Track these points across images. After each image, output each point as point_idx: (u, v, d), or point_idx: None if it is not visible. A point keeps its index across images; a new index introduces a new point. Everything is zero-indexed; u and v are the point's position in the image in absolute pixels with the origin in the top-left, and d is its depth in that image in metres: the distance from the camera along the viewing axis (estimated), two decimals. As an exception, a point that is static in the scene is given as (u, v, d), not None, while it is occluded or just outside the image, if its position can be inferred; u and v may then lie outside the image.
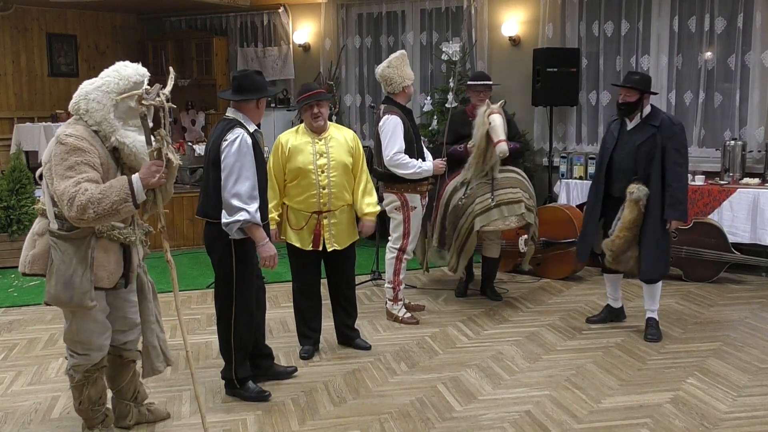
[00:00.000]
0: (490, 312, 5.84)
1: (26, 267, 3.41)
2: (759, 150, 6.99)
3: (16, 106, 9.61)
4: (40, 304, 6.20)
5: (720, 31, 7.24)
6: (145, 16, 10.82)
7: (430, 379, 4.51)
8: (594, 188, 5.29)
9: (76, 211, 3.12)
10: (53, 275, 3.30)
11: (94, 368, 3.53)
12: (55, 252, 3.30)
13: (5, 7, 9.31)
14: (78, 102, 3.31)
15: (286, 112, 9.29)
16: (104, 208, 3.12)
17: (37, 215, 3.45)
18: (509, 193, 5.62)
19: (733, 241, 6.55)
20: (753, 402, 4.14)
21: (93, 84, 3.33)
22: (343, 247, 4.80)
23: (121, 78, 3.30)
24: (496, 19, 8.30)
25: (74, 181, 3.14)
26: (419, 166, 5.34)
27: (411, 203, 5.41)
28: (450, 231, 5.74)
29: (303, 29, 9.59)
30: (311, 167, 4.61)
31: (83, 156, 3.19)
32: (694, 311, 5.82)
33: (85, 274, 3.31)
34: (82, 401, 3.56)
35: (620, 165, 5.10)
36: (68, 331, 3.49)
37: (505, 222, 5.59)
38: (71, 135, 3.23)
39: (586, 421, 3.92)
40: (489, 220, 5.55)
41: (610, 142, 5.20)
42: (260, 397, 4.19)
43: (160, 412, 3.98)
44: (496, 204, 5.55)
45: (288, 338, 5.18)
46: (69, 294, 3.30)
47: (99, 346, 3.50)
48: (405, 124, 5.34)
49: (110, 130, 3.29)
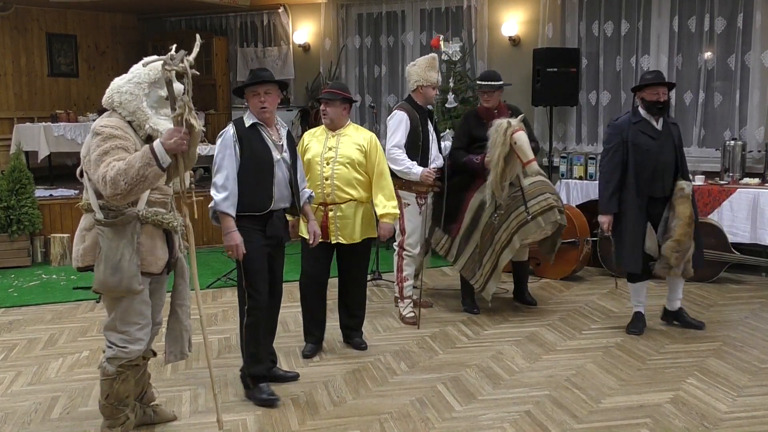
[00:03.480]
0: (490, 312, 5.83)
1: (78, 261, 3.49)
2: (759, 150, 6.99)
3: (16, 106, 9.62)
4: (40, 304, 6.22)
5: (720, 31, 7.24)
6: (145, 16, 10.82)
7: (430, 379, 4.51)
8: (636, 193, 5.06)
9: (110, 187, 3.22)
10: (101, 262, 3.38)
11: (129, 364, 3.56)
12: (103, 240, 3.38)
13: (5, 7, 9.32)
14: (111, 96, 3.46)
15: (286, 112, 9.29)
16: (132, 176, 3.21)
17: (83, 212, 3.53)
18: (541, 201, 5.46)
19: (733, 241, 6.55)
20: (753, 402, 4.14)
21: (123, 78, 3.49)
22: (349, 241, 4.80)
23: (150, 68, 3.47)
24: (496, 19, 8.31)
25: (106, 163, 3.27)
26: (408, 167, 5.33)
27: (404, 200, 5.46)
28: (482, 250, 5.52)
29: (303, 29, 9.60)
30: (318, 159, 4.73)
31: (117, 141, 3.32)
32: (694, 311, 5.81)
33: (132, 258, 3.39)
34: (109, 395, 3.56)
35: (664, 165, 5.06)
36: (111, 322, 3.52)
37: (543, 232, 5.53)
38: (106, 125, 3.37)
39: (586, 421, 3.92)
40: (528, 234, 5.46)
41: (648, 143, 5.05)
42: (266, 402, 4.15)
43: (165, 414, 3.98)
44: (533, 216, 5.42)
45: (288, 338, 5.18)
46: (117, 278, 3.36)
47: (137, 339, 3.53)
48: (413, 121, 5.39)
49: (144, 118, 3.43)
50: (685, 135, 7.52)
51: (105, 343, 3.58)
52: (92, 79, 10.42)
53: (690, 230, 5.02)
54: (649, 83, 5.07)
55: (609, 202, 5.11)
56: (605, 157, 5.19)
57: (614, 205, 5.11)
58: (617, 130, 5.13)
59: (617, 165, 5.08)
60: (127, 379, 3.58)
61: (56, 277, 7.08)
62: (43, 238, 7.67)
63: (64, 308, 6.15)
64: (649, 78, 5.14)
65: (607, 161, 5.16)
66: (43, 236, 7.67)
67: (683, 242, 5.02)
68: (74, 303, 6.26)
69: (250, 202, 4.09)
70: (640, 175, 5.06)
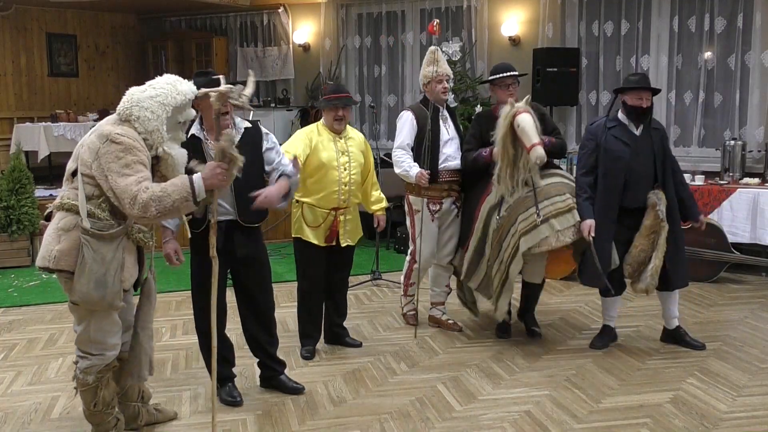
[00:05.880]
0: (491, 312, 5.81)
1: (51, 262, 3.36)
2: (759, 150, 7.00)
3: (16, 106, 9.62)
4: (40, 304, 6.22)
5: (720, 31, 7.25)
6: (145, 16, 10.82)
7: (430, 379, 4.51)
8: (604, 203, 4.70)
9: (138, 209, 3.15)
10: (84, 274, 3.28)
11: (107, 368, 3.52)
12: (87, 250, 3.28)
13: (5, 7, 9.31)
14: (131, 108, 3.31)
15: (286, 112, 9.29)
16: (165, 205, 3.15)
17: (55, 211, 3.42)
18: (557, 202, 4.66)
19: (733, 241, 6.55)
20: (753, 402, 4.14)
21: (145, 93, 3.34)
22: (353, 243, 4.89)
23: (178, 93, 3.36)
24: (496, 18, 8.31)
25: (135, 180, 3.18)
26: (406, 169, 5.00)
27: (414, 206, 5.18)
28: (490, 260, 4.81)
29: (303, 29, 9.60)
30: (335, 164, 4.68)
31: (138, 155, 3.23)
32: (694, 311, 5.81)
33: (117, 274, 3.32)
34: (96, 403, 3.52)
35: (640, 174, 4.70)
36: (84, 332, 3.44)
37: (559, 238, 4.59)
38: (124, 135, 3.24)
39: (586, 421, 3.92)
40: (538, 238, 4.57)
41: (621, 150, 4.70)
42: (227, 402, 4.14)
43: (167, 412, 3.99)
44: (544, 219, 4.60)
45: (288, 338, 5.18)
46: (101, 293, 3.28)
47: (113, 346, 3.50)
48: (420, 120, 5.06)
49: (159, 141, 3.33)
50: (685, 135, 7.58)
51: (77, 354, 3.50)
52: (92, 79, 10.43)
53: (645, 242, 4.67)
54: (633, 87, 4.72)
55: (584, 207, 4.68)
56: (580, 162, 4.87)
57: (591, 210, 4.69)
58: (591, 135, 4.84)
59: (591, 170, 4.75)
60: (109, 383, 3.54)
61: (56, 277, 7.05)
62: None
63: (64, 308, 6.13)
64: (633, 80, 4.77)
65: (581, 166, 4.83)
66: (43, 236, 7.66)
67: (634, 254, 4.69)
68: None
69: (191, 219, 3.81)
70: (611, 184, 4.70)
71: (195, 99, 3.52)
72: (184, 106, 3.39)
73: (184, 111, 3.42)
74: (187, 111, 3.44)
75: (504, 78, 4.98)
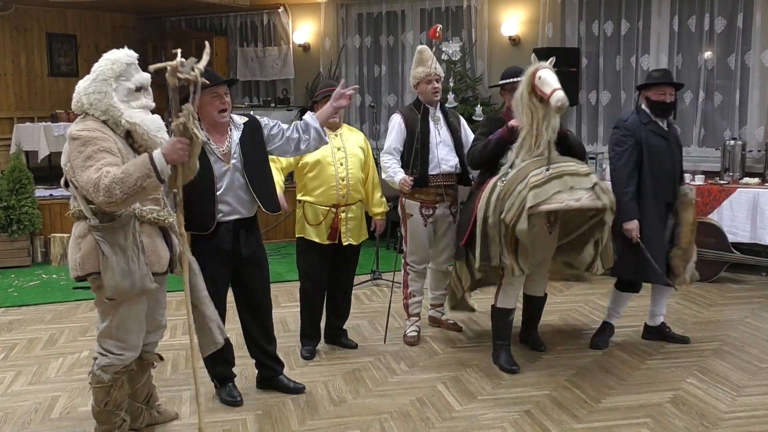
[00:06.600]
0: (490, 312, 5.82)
1: (78, 270, 3.34)
2: (759, 150, 6.99)
3: (16, 106, 9.61)
4: (40, 304, 6.22)
5: (720, 31, 7.25)
6: (145, 16, 10.82)
7: (430, 379, 4.51)
8: (652, 198, 4.70)
9: (103, 195, 3.12)
10: (108, 269, 3.27)
11: (124, 370, 3.52)
12: (104, 245, 3.28)
13: (5, 7, 9.31)
14: (79, 99, 3.34)
15: (286, 111, 9.30)
16: (129, 185, 3.12)
17: (73, 220, 3.44)
18: (571, 164, 4.30)
19: (733, 240, 6.55)
20: (753, 402, 4.14)
21: (86, 80, 3.37)
22: (356, 242, 4.85)
23: (113, 62, 3.34)
24: (496, 18, 8.31)
25: (95, 168, 3.16)
26: (391, 175, 4.87)
27: (408, 210, 5.01)
28: (495, 230, 4.33)
29: (303, 29, 9.60)
30: (330, 159, 4.67)
31: (99, 143, 3.22)
32: (694, 311, 5.82)
33: (140, 257, 3.31)
34: (107, 403, 3.51)
35: (669, 169, 4.77)
36: (106, 329, 3.44)
37: (572, 196, 4.10)
38: (82, 129, 3.26)
39: (586, 421, 3.92)
40: (549, 193, 4.10)
41: (662, 145, 4.74)
42: (227, 402, 4.15)
43: (168, 414, 3.99)
44: (558, 175, 4.17)
45: (288, 338, 5.18)
46: (129, 281, 3.28)
47: (134, 346, 3.49)
48: (409, 123, 4.92)
49: (117, 114, 3.31)
50: (685, 135, 7.55)
51: (97, 350, 3.51)
52: (92, 79, 10.41)
53: (693, 237, 4.79)
54: (656, 82, 4.78)
55: (631, 207, 4.65)
56: (620, 160, 4.71)
57: (636, 211, 4.67)
58: (629, 131, 4.73)
59: (635, 168, 4.69)
60: (123, 384, 3.55)
61: (56, 276, 7.08)
62: (43, 237, 7.68)
63: (64, 308, 6.15)
64: (657, 76, 4.82)
65: (623, 164, 4.69)
66: (43, 236, 7.68)
67: (688, 250, 4.80)
68: (74, 303, 6.26)
69: (196, 221, 3.83)
70: (656, 179, 4.71)
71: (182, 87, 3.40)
72: (127, 72, 3.34)
73: (132, 77, 3.35)
74: (135, 76, 3.36)
75: (514, 83, 4.71)
